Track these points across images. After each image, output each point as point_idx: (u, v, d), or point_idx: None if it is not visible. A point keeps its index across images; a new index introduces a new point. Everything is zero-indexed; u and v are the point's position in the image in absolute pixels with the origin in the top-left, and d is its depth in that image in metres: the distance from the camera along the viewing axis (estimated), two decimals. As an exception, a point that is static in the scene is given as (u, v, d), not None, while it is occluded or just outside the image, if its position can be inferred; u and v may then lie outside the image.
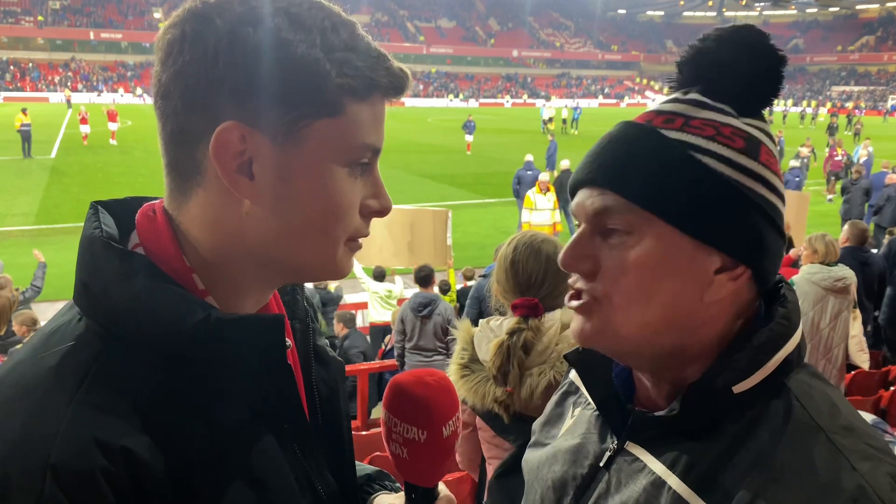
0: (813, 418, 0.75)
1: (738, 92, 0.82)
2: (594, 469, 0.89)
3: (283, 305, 0.92)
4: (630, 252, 0.79)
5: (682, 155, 0.79)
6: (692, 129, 0.81)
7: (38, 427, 0.64)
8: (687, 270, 0.78)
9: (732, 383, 0.77)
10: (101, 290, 0.72)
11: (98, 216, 0.78)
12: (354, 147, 0.76)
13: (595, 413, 0.95)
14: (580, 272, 0.84)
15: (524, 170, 14.07)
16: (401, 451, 0.94)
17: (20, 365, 0.71)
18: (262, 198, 0.74)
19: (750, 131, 0.82)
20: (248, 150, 0.72)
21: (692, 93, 0.84)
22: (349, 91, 0.74)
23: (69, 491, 0.62)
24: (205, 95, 0.71)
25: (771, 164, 0.82)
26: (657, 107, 0.86)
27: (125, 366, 0.70)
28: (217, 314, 0.72)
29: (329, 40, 0.73)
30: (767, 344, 0.79)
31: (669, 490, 0.78)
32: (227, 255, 0.77)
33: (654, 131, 0.81)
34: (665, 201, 0.78)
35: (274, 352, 0.77)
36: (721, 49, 0.82)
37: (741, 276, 0.79)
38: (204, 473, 0.70)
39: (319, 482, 0.85)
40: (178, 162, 0.75)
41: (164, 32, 0.74)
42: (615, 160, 0.82)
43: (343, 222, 0.78)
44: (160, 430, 0.68)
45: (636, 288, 0.79)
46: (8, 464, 0.63)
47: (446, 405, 0.96)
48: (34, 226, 13.78)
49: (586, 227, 0.84)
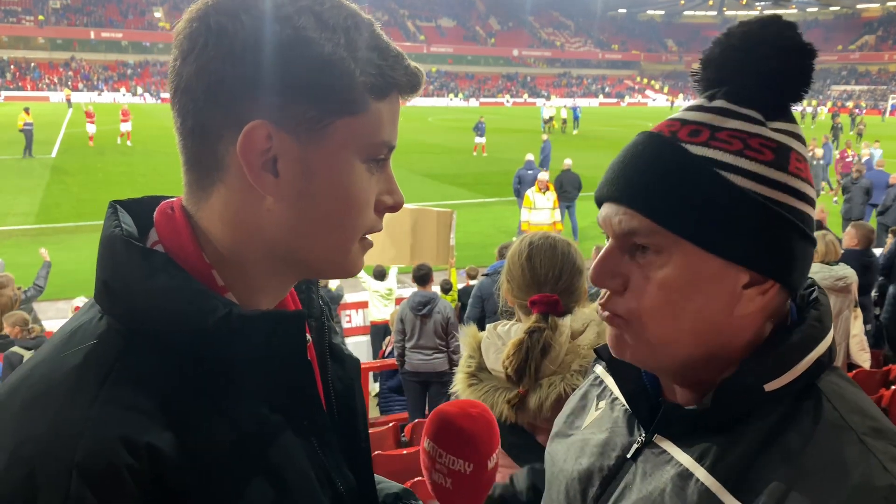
0: (843, 419, 0.76)
1: (766, 94, 0.81)
2: (621, 460, 0.90)
3: (300, 303, 0.93)
4: (658, 272, 0.79)
5: (709, 174, 0.77)
6: (718, 142, 0.79)
7: (62, 426, 0.65)
8: (715, 288, 0.79)
9: (764, 381, 0.78)
10: (122, 288, 0.73)
11: (117, 215, 0.78)
12: (374, 144, 0.77)
13: (622, 407, 0.96)
14: (610, 288, 0.84)
15: (525, 169, 14.07)
16: (444, 482, 0.95)
17: (43, 364, 0.72)
18: (285, 194, 0.74)
19: (779, 139, 0.80)
20: (274, 148, 0.72)
21: (718, 98, 0.82)
22: (371, 89, 0.75)
23: (95, 488, 0.62)
24: (230, 92, 0.71)
25: (800, 171, 0.80)
26: (683, 115, 0.84)
27: (148, 363, 0.70)
28: (239, 310, 0.73)
29: (352, 39, 0.73)
30: (800, 345, 0.79)
31: (697, 482, 0.78)
32: (246, 251, 0.77)
33: (679, 148, 0.80)
34: (691, 223, 0.78)
35: (295, 347, 0.78)
36: (747, 48, 0.80)
37: (770, 290, 0.79)
38: (226, 470, 0.71)
39: (339, 478, 0.86)
40: (198, 158, 0.75)
41: (185, 25, 0.73)
42: (640, 179, 0.81)
43: (360, 218, 0.79)
44: (183, 426, 0.69)
45: (665, 306, 0.80)
46: (34, 462, 0.63)
47: (491, 438, 0.98)
48: (35, 225, 13.78)
49: (614, 244, 0.84)
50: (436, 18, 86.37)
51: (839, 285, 4.82)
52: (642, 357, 0.85)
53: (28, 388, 0.69)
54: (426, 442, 0.98)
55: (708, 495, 0.77)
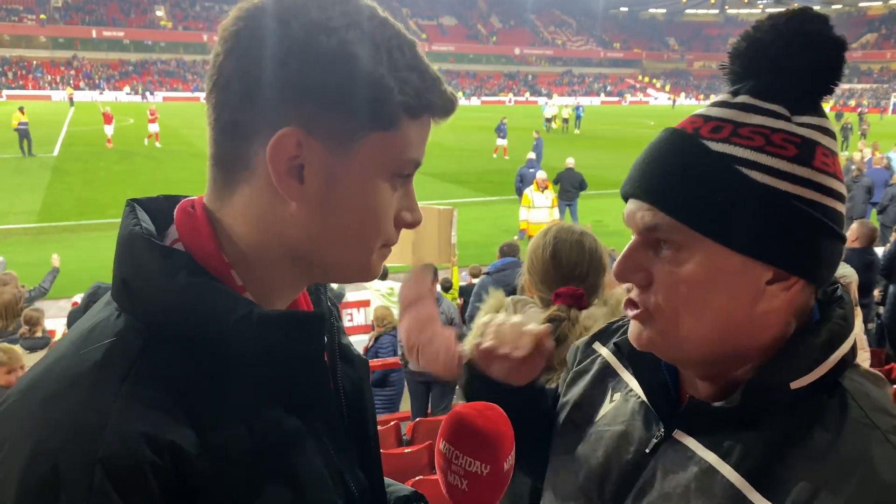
0: (869, 417, 0.76)
1: (792, 89, 0.79)
2: (639, 455, 0.90)
3: (311, 303, 0.93)
4: (681, 268, 0.80)
5: (728, 171, 0.77)
6: (740, 138, 0.78)
7: (86, 421, 0.65)
8: (738, 284, 0.79)
9: (791, 379, 0.78)
10: (142, 286, 0.73)
11: (136, 213, 0.78)
12: (401, 161, 0.77)
13: (639, 400, 0.96)
14: (634, 283, 0.85)
15: (526, 167, 14.08)
16: (460, 483, 0.95)
17: (62, 360, 0.72)
18: (309, 202, 0.75)
19: (804, 134, 0.79)
20: (303, 155, 0.73)
21: (742, 94, 0.81)
22: (406, 109, 0.75)
23: (118, 484, 0.63)
24: (268, 95, 0.71)
25: (827, 167, 0.79)
26: (706, 111, 0.84)
27: (167, 361, 0.71)
28: (259, 310, 0.73)
29: (394, 58, 0.74)
30: (826, 343, 0.79)
31: (722, 479, 0.78)
32: (265, 253, 0.78)
33: (699, 144, 0.80)
34: (711, 220, 0.77)
35: (314, 348, 0.78)
36: (775, 41, 0.79)
37: (794, 286, 0.79)
38: (244, 469, 0.71)
39: (352, 479, 0.86)
40: (226, 155, 0.76)
41: (232, 22, 0.74)
42: (661, 176, 0.81)
43: (380, 230, 0.79)
44: (202, 425, 0.69)
45: (689, 302, 0.80)
46: (58, 457, 0.63)
47: (508, 440, 0.97)
48: (36, 224, 13.80)
49: (638, 239, 0.84)
50: (437, 17, 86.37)
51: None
52: (666, 350, 0.85)
53: (49, 383, 0.69)
54: (442, 443, 0.98)
55: (734, 492, 0.77)
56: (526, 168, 14.08)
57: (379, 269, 0.83)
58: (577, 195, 13.51)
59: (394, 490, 1.10)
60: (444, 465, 0.96)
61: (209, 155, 0.77)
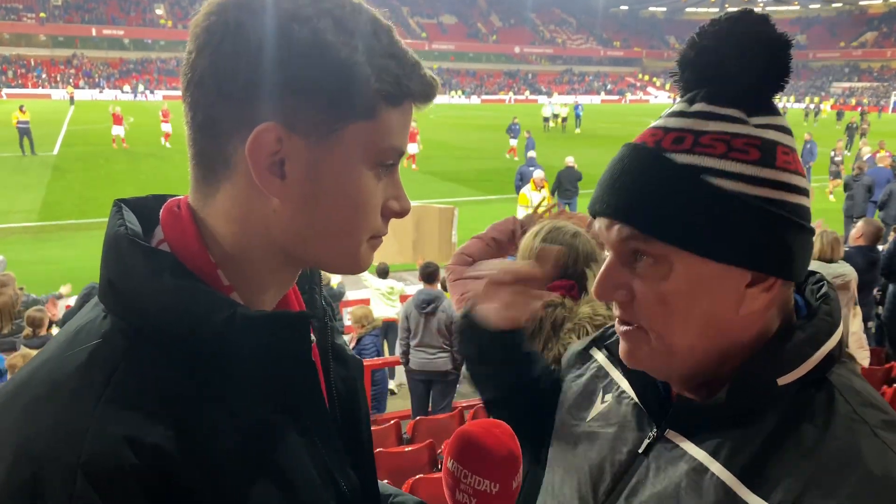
0: (857, 412, 0.77)
1: (745, 90, 0.80)
2: (632, 455, 0.91)
3: (303, 302, 0.93)
4: (661, 282, 0.80)
5: (696, 181, 0.77)
6: (702, 148, 0.79)
7: (68, 425, 0.65)
8: (718, 291, 0.79)
9: (777, 375, 0.78)
10: (127, 287, 0.72)
11: (122, 214, 0.78)
12: (383, 150, 0.76)
13: (631, 402, 0.96)
14: (616, 300, 0.85)
15: (527, 166, 14.05)
16: (469, 501, 0.96)
17: (47, 363, 0.71)
18: (292, 197, 0.74)
19: (762, 135, 0.79)
20: (283, 150, 0.72)
21: (698, 102, 0.82)
22: (385, 97, 0.74)
23: (101, 488, 0.62)
24: (243, 90, 0.70)
25: (788, 164, 0.79)
26: (664, 122, 0.84)
27: (152, 363, 0.70)
28: (243, 311, 0.72)
29: (370, 45, 0.73)
30: (812, 338, 0.80)
31: (712, 477, 0.79)
32: (251, 250, 0.77)
33: (663, 157, 0.80)
34: (686, 232, 0.78)
35: (299, 348, 0.77)
36: (721, 47, 0.80)
37: (774, 286, 0.80)
38: (230, 469, 0.71)
39: (342, 478, 0.86)
40: (206, 153, 0.75)
41: (203, 18, 0.72)
42: (628, 193, 0.81)
43: (367, 222, 0.78)
44: (188, 426, 0.68)
45: (672, 315, 0.81)
46: (40, 462, 0.63)
47: (516, 459, 0.98)
48: (37, 222, 13.79)
49: (613, 258, 0.84)
50: (438, 15, 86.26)
51: (837, 283, 4.81)
52: (658, 368, 0.86)
53: (33, 387, 0.69)
54: (450, 462, 0.97)
55: (724, 489, 0.77)
56: (526, 166, 14.05)
57: (369, 261, 0.82)
58: (576, 194, 13.50)
59: (400, 500, 1.09)
60: (453, 484, 0.96)
61: (189, 155, 0.76)
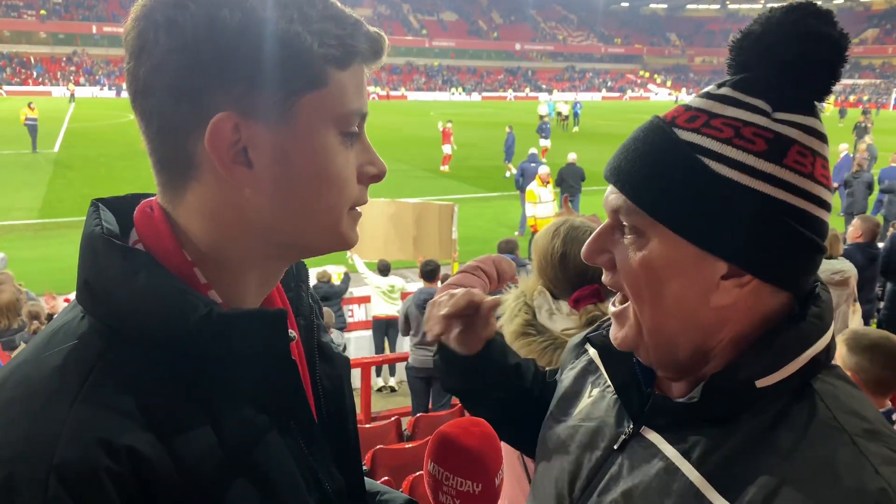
0: (837, 420, 0.73)
1: (777, 84, 0.77)
2: (608, 451, 0.89)
3: (287, 301, 0.92)
4: (637, 253, 0.80)
5: (689, 159, 0.76)
6: (710, 129, 0.77)
7: (41, 428, 0.64)
8: (691, 275, 0.78)
9: (756, 377, 0.76)
10: (103, 287, 0.72)
11: (99, 213, 0.77)
12: (343, 115, 0.75)
13: (613, 396, 0.95)
14: (599, 264, 0.86)
15: (527, 162, 14.04)
16: (452, 503, 0.95)
17: (24, 365, 0.71)
18: (262, 183, 0.73)
19: (779, 130, 0.76)
20: (243, 138, 0.71)
21: (726, 86, 0.80)
22: (331, 61, 0.73)
23: (74, 492, 0.62)
24: (190, 86, 0.69)
25: (801, 166, 0.75)
26: (690, 101, 0.82)
27: (129, 363, 0.70)
28: (219, 310, 0.72)
29: (305, 12, 0.71)
30: (795, 342, 0.77)
31: (682, 477, 0.77)
32: (228, 246, 0.76)
33: (667, 131, 0.79)
34: (667, 207, 0.77)
35: (277, 345, 0.76)
36: (765, 34, 0.76)
37: (748, 284, 0.77)
38: (209, 471, 0.70)
39: (326, 478, 0.85)
40: (168, 158, 0.74)
41: (132, 25, 0.70)
42: (627, 159, 0.81)
43: (344, 193, 0.77)
44: (165, 427, 0.68)
45: (644, 288, 0.80)
46: (13, 465, 0.62)
47: (496, 456, 0.97)
48: (38, 220, 13.79)
49: (607, 222, 0.85)
50: (438, 12, 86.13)
51: (835, 279, 4.80)
52: (634, 344, 0.85)
53: (8, 390, 0.68)
54: (430, 465, 0.96)
55: (693, 491, 0.75)
56: (527, 163, 14.03)
57: (354, 234, 0.81)
58: (579, 190, 13.48)
59: (388, 499, 1.08)
60: (435, 486, 0.96)
61: (151, 162, 0.75)
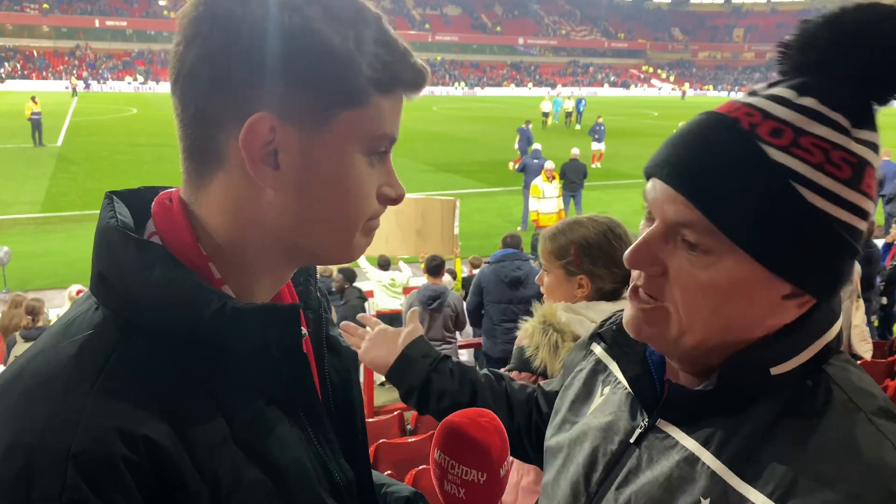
0: (852, 400, 0.75)
1: (861, 97, 0.74)
2: (624, 445, 0.89)
3: (297, 295, 0.93)
4: (704, 272, 0.76)
5: (783, 185, 0.72)
6: (800, 150, 0.73)
7: (59, 416, 0.65)
8: (757, 297, 0.77)
9: (771, 364, 0.77)
10: (118, 280, 0.72)
11: (113, 206, 0.78)
12: (375, 137, 0.76)
13: (626, 391, 0.94)
14: (647, 273, 0.81)
15: (530, 158, 14.02)
16: (457, 492, 0.95)
17: (40, 355, 0.71)
18: (286, 187, 0.74)
19: (860, 153, 0.74)
20: (276, 141, 0.72)
21: (808, 96, 0.75)
22: (376, 84, 0.74)
23: (91, 480, 0.62)
24: (234, 80, 0.70)
25: (870, 189, 0.75)
26: (764, 104, 0.76)
27: (143, 355, 0.70)
28: (233, 304, 0.72)
29: (360, 33, 0.73)
30: (810, 329, 0.79)
31: (703, 466, 0.78)
32: (244, 242, 0.77)
33: (756, 147, 0.73)
34: (751, 231, 0.73)
35: (290, 341, 0.77)
36: (860, 37, 0.72)
37: (808, 303, 0.78)
38: (222, 461, 0.71)
39: (335, 470, 0.86)
40: (198, 146, 0.74)
41: (191, 8, 0.72)
42: (707, 172, 0.75)
43: (363, 209, 0.79)
44: (179, 418, 0.69)
45: (702, 307, 0.77)
46: (31, 454, 0.63)
47: (503, 445, 0.97)
48: (40, 214, 13.82)
49: (660, 229, 0.79)
50: (441, 7, 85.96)
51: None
52: (663, 343, 0.83)
53: (25, 379, 0.69)
54: (437, 453, 0.97)
55: (715, 479, 0.76)
56: (530, 158, 14.01)
57: (362, 249, 0.82)
58: (581, 186, 13.47)
59: (393, 491, 1.09)
60: (440, 475, 0.96)
61: (181, 148, 0.76)
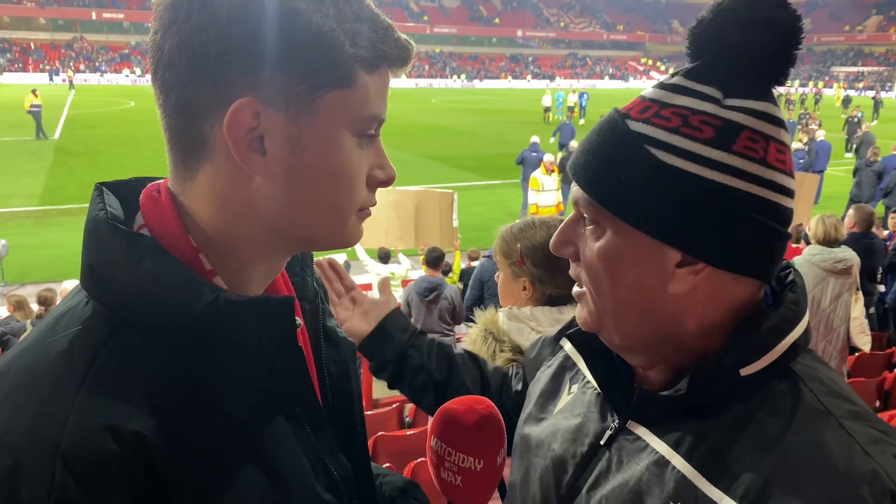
0: (822, 403, 0.75)
1: (727, 69, 0.77)
2: (594, 447, 0.89)
3: (291, 286, 0.92)
4: (595, 243, 0.82)
5: (637, 150, 0.77)
6: (659, 119, 0.77)
7: (48, 415, 0.64)
8: (646, 264, 0.78)
9: (740, 365, 0.76)
10: (107, 273, 0.71)
11: (103, 198, 0.76)
12: (363, 118, 0.75)
13: (595, 392, 0.94)
14: (564, 256, 0.88)
15: (529, 151, 14.00)
16: (454, 479, 0.95)
17: (28, 350, 0.70)
18: (274, 173, 0.72)
19: (728, 116, 0.76)
20: (261, 126, 0.70)
21: (679, 75, 0.81)
22: (360, 62, 0.73)
23: (80, 478, 0.62)
24: (216, 66, 0.68)
25: (751, 151, 0.75)
26: (646, 91, 0.83)
27: (134, 349, 0.69)
28: (226, 296, 0.71)
29: (341, 9, 0.71)
30: (776, 328, 0.78)
31: (673, 469, 0.77)
32: (235, 233, 0.76)
33: (620, 123, 0.80)
34: (618, 198, 0.78)
35: (284, 333, 0.76)
36: (716, 20, 0.77)
37: (703, 271, 0.77)
38: (215, 457, 0.70)
39: (333, 464, 0.85)
40: (183, 136, 0.73)
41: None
42: (584, 153, 0.83)
43: (353, 193, 0.77)
44: (171, 413, 0.68)
45: (602, 278, 0.82)
46: (19, 452, 0.62)
47: (500, 433, 0.97)
48: (39, 207, 13.79)
49: (573, 214, 0.87)
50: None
51: (838, 268, 4.79)
52: (600, 329, 0.86)
53: (13, 376, 0.68)
54: (433, 441, 0.97)
55: (685, 483, 0.75)
56: (528, 151, 13.99)
57: (358, 235, 0.81)
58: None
59: (389, 481, 1.09)
60: (437, 462, 0.96)
61: (166, 138, 0.74)
